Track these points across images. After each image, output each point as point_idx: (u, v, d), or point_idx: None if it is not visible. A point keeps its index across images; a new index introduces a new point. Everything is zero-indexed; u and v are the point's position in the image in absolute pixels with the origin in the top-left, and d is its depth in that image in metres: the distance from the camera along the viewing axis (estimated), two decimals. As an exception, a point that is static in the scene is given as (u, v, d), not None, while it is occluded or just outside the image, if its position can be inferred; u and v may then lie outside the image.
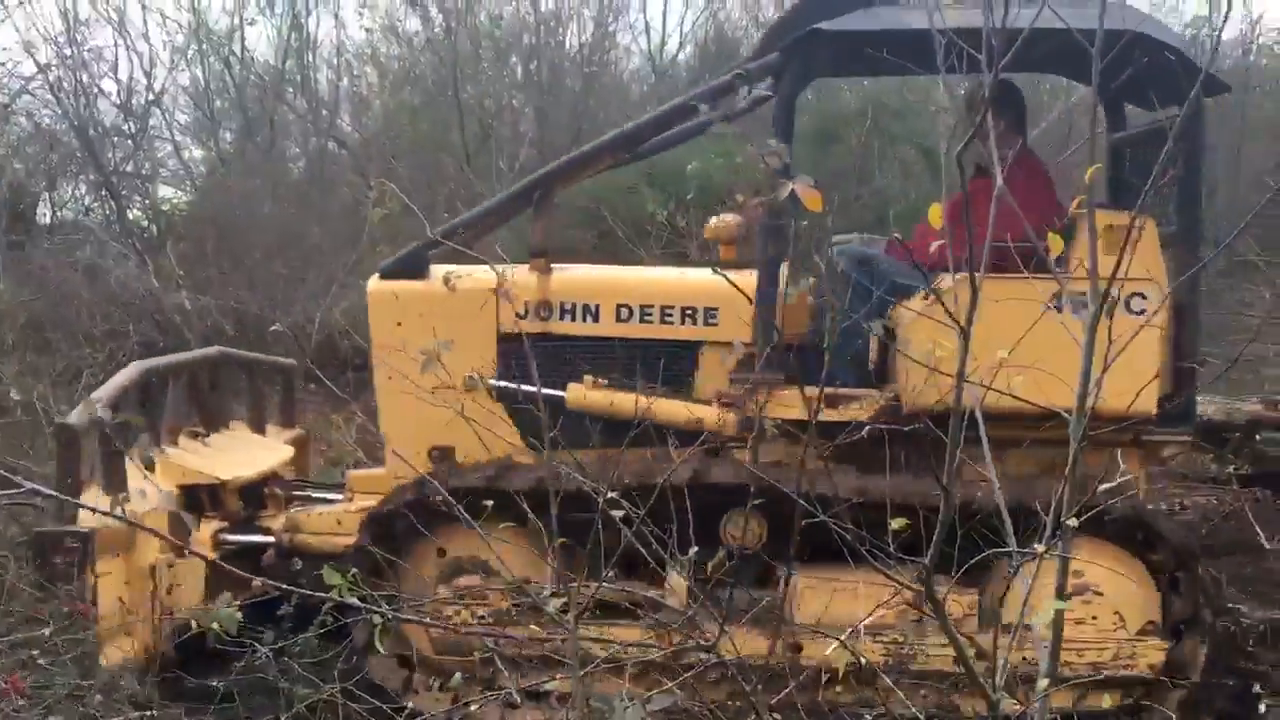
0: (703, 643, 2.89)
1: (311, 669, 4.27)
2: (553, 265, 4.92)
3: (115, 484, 4.36)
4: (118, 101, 14.74)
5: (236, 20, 15.08)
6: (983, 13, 2.96)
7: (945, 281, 4.23)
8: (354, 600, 2.72)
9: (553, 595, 2.93)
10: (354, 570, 2.76)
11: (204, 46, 14.99)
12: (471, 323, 4.78)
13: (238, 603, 2.69)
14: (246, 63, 15.17)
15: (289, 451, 5.75)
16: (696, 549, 3.36)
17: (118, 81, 14.99)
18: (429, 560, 4.55)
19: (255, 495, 5.27)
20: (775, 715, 3.03)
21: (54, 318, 11.44)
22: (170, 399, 5.27)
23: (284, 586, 3.15)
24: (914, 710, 3.66)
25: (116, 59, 16.56)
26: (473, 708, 4.19)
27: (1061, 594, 2.58)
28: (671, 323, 4.75)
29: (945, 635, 2.60)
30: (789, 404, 4.41)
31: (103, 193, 14.56)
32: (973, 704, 4.14)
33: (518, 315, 4.73)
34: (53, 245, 13.13)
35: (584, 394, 4.64)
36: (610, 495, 3.04)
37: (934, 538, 2.56)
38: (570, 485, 3.66)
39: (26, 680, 4.04)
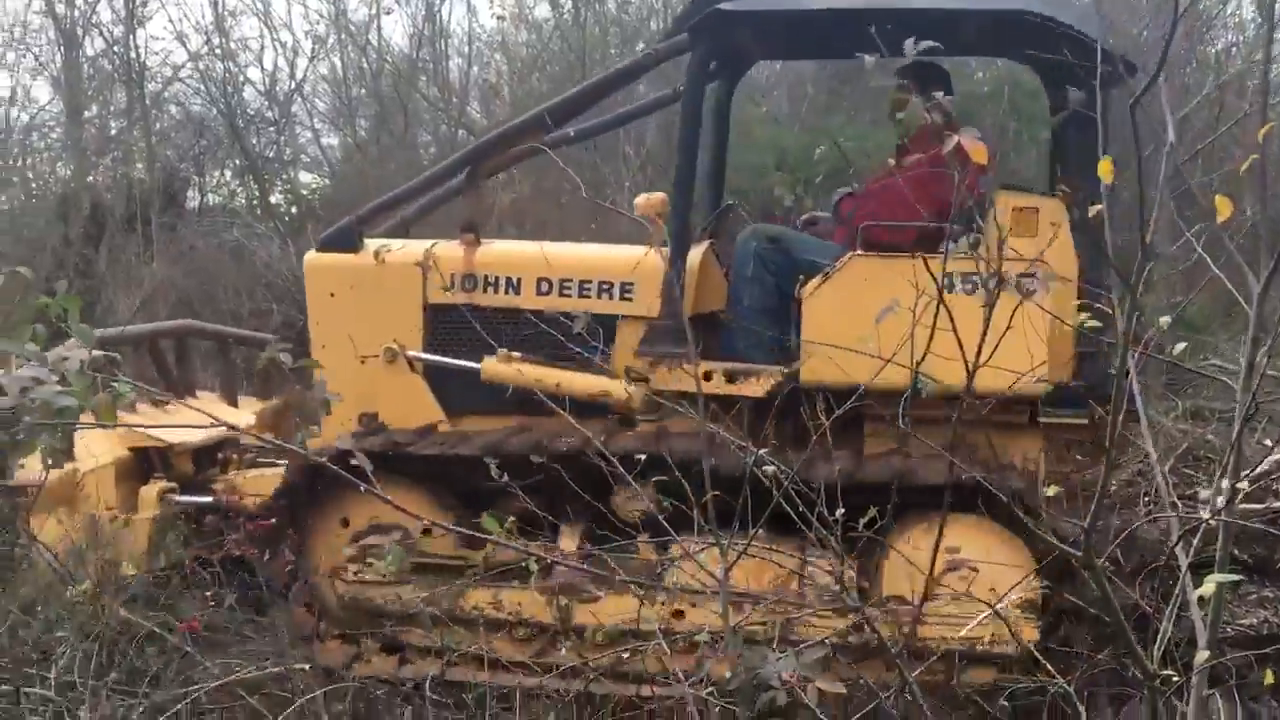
0: (851, 601, 2.95)
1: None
2: (483, 240, 5.02)
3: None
4: (262, 89, 15.34)
5: (374, 10, 15.52)
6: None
7: (848, 261, 4.43)
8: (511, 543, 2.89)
9: (712, 545, 3.03)
10: (512, 519, 2.87)
11: (343, 36, 15.46)
12: (399, 294, 4.96)
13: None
14: (382, 52, 15.60)
15: (249, 419, 5.76)
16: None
17: (263, 70, 15.60)
18: (334, 522, 4.71)
19: (212, 460, 5.44)
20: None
21: (202, 296, 11.98)
22: (133, 368, 5.40)
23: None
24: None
25: (262, 48, 17.25)
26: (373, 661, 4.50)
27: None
28: (589, 296, 4.80)
29: (1106, 606, 2.60)
30: (690, 378, 4.40)
31: (247, 177, 15.18)
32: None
33: (443, 288, 4.89)
34: (201, 227, 13.76)
35: (497, 366, 4.72)
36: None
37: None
38: (467, 452, 4.01)
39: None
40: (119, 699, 3.61)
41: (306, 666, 4.20)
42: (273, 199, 15.16)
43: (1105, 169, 2.22)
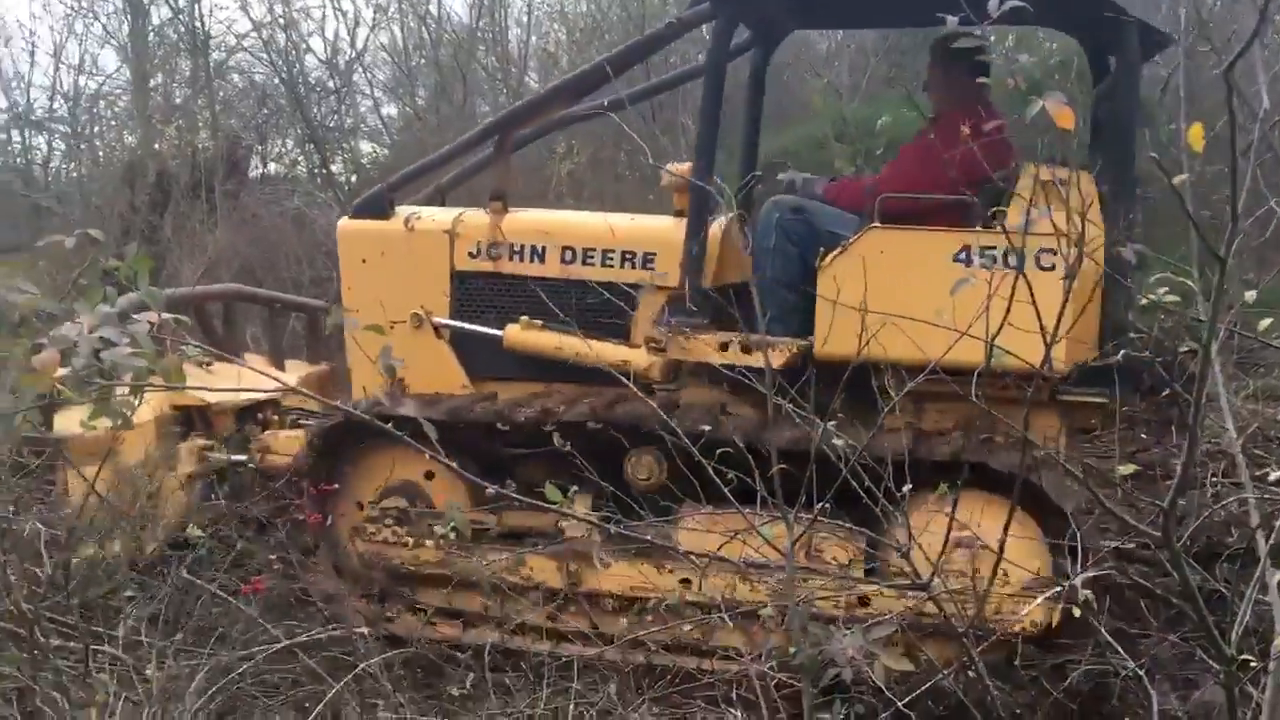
0: (916, 580, 2.90)
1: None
2: (511, 209, 5.06)
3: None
4: (324, 59, 15.43)
5: (436, -21, 15.53)
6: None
7: (864, 233, 4.38)
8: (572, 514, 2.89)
9: (771, 522, 3.00)
10: (575, 488, 2.86)
11: (403, 5, 15.49)
12: (428, 261, 4.99)
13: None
14: (442, 21, 15.61)
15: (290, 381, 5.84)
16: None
17: (324, 39, 15.68)
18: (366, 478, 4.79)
19: (253, 420, 5.53)
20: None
21: (264, 263, 12.11)
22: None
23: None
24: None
25: (324, 18, 17.31)
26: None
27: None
28: (612, 265, 4.84)
29: (1184, 589, 2.54)
30: (708, 348, 4.48)
31: (308, 146, 15.30)
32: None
33: (470, 255, 4.96)
34: (263, 195, 13.90)
35: (519, 333, 4.77)
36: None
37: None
38: (482, 417, 4.20)
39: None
40: (184, 659, 3.66)
41: (366, 630, 4.23)
42: (333, 168, 15.29)
43: (1196, 135, 2.13)
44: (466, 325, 4.89)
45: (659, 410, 3.42)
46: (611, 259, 4.84)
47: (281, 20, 14.85)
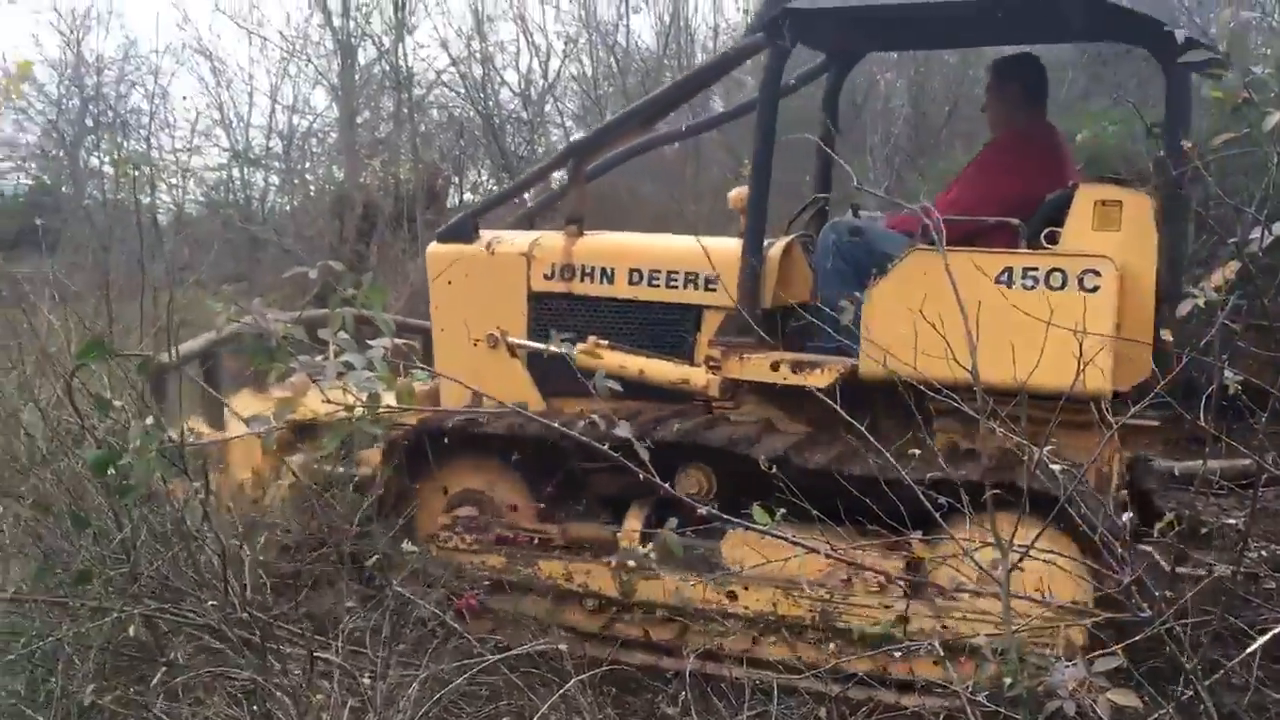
0: (1143, 612, 2.76)
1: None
2: (586, 232, 5.27)
3: (213, 411, 4.94)
4: (517, 91, 15.93)
5: (622, 9, 15.85)
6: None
7: (909, 254, 4.42)
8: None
9: (986, 545, 2.94)
10: (782, 510, 2.88)
11: (592, 37, 15.86)
12: (506, 282, 5.23)
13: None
14: (630, 50, 15.91)
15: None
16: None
17: (518, 72, 16.18)
18: (436, 491, 5.00)
19: None
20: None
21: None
22: (296, 350, 5.72)
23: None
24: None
25: (518, 51, 17.86)
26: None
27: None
28: (676, 287, 5.00)
29: None
30: (762, 368, 4.61)
31: (503, 175, 15.82)
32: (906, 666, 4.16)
33: (545, 276, 5.20)
34: (461, 224, 14.42)
35: (588, 353, 4.82)
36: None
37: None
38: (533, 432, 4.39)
39: None
40: (400, 670, 3.81)
41: (563, 647, 4.32)
42: (526, 196, 15.72)
43: None
44: (536, 345, 5.10)
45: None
46: (676, 280, 5.01)
47: (478, 55, 15.44)
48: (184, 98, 19.74)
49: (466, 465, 4.94)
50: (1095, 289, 4.11)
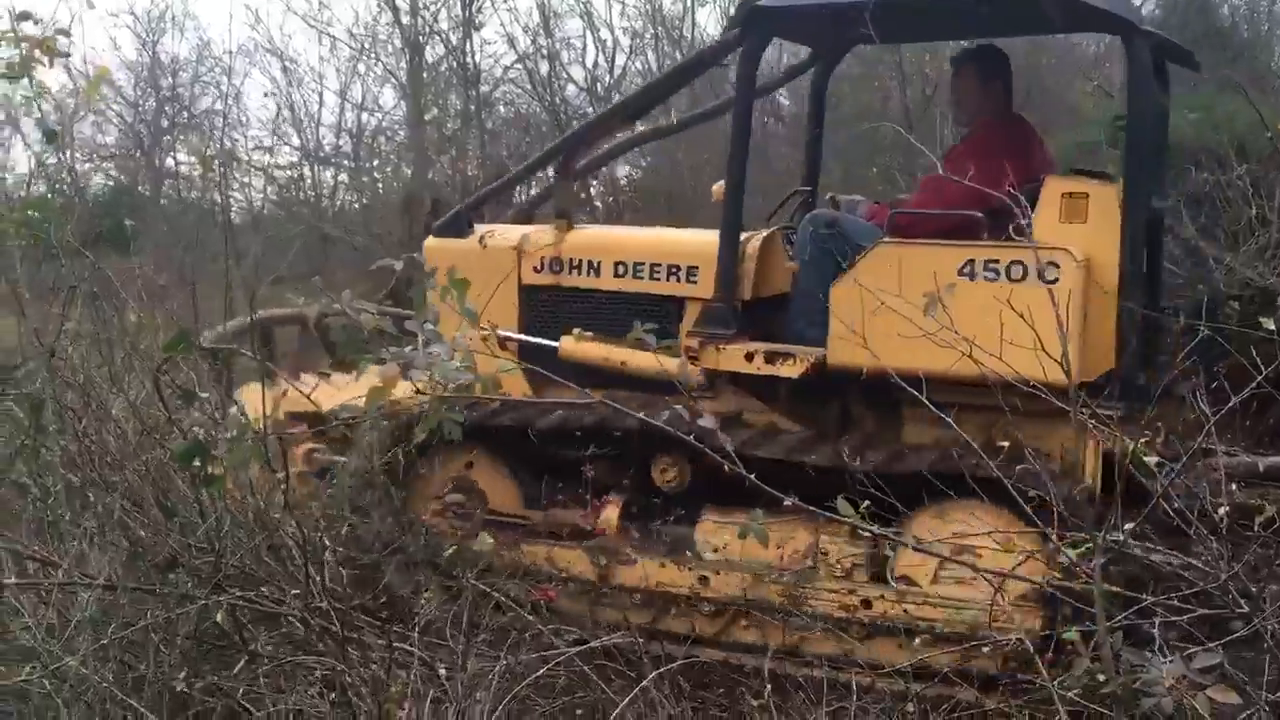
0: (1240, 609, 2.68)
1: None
2: (575, 226, 5.39)
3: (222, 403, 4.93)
4: (584, 86, 15.96)
5: (688, 3, 15.81)
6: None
7: (874, 247, 4.52)
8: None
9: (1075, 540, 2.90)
10: (866, 502, 2.89)
11: (658, 30, 15.84)
12: (498, 276, 5.24)
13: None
14: (696, 44, 15.85)
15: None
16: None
17: (584, 68, 16.21)
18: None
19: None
20: None
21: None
22: (299, 342, 5.71)
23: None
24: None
25: (584, 46, 17.88)
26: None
27: None
28: (659, 279, 5.08)
29: None
30: (737, 358, 4.70)
31: (569, 171, 15.87)
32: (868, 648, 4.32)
33: (535, 270, 5.30)
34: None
35: (572, 344, 4.96)
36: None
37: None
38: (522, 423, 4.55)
39: None
40: (478, 660, 3.84)
41: (639, 640, 4.31)
42: (590, 190, 15.78)
43: None
44: (525, 337, 5.22)
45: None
46: (658, 272, 5.09)
47: (544, 52, 15.49)
48: (265, 94, 19.96)
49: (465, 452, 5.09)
50: (1055, 280, 4.11)
